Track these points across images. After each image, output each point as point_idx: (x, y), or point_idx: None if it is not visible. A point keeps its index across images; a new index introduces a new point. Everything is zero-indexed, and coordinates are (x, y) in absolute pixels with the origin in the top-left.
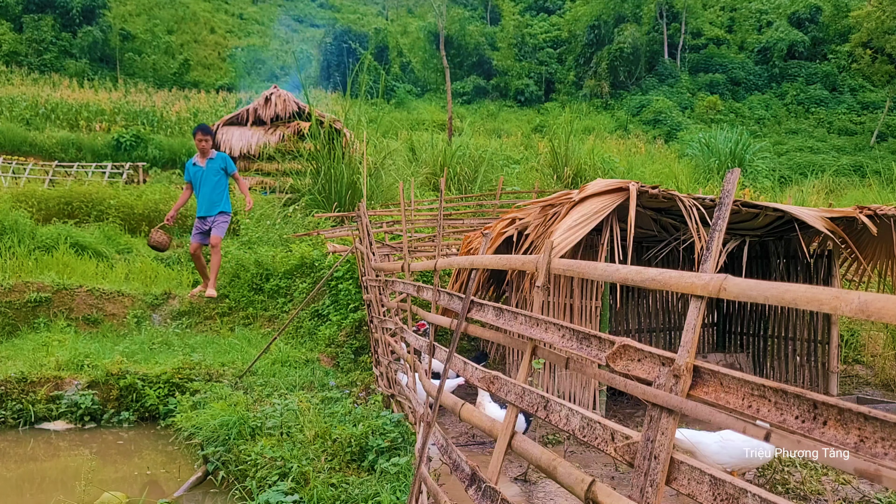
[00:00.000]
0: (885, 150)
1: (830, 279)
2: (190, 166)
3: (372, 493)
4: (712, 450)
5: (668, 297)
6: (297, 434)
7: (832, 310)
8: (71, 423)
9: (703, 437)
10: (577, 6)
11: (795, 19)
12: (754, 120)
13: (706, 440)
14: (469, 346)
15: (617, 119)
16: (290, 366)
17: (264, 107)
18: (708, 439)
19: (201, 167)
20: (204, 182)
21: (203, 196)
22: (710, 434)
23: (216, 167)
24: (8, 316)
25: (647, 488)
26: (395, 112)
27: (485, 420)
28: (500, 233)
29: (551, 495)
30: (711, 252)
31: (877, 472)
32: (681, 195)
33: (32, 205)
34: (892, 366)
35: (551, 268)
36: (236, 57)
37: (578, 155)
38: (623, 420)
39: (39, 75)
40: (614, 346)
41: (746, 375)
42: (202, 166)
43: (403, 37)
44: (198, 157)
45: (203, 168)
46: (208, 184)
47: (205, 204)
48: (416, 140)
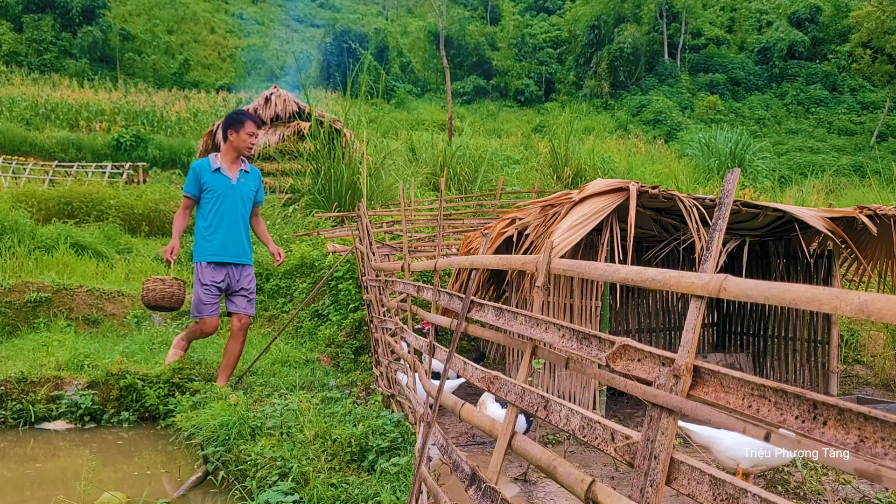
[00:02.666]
0: (885, 150)
1: (830, 279)
2: (209, 172)
3: (372, 493)
4: (727, 444)
5: (668, 297)
6: (297, 434)
7: (832, 310)
8: (71, 423)
9: (719, 433)
10: (577, 6)
11: (795, 19)
12: (754, 120)
13: (722, 435)
14: (469, 346)
15: (617, 119)
16: (290, 366)
17: (264, 107)
18: (724, 434)
19: (229, 179)
20: (230, 205)
21: (227, 227)
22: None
23: (251, 187)
24: (8, 316)
25: (647, 488)
26: (395, 112)
27: (485, 420)
28: (500, 233)
29: (551, 495)
30: (711, 252)
31: (877, 472)
32: (681, 195)
33: (32, 205)
34: (892, 366)
35: (551, 268)
36: (236, 57)
37: (578, 155)
38: (623, 420)
39: (39, 75)
40: (614, 346)
41: (746, 375)
42: (231, 178)
43: (403, 37)
44: (225, 162)
45: (232, 182)
46: (236, 210)
47: (230, 241)
48: (416, 140)
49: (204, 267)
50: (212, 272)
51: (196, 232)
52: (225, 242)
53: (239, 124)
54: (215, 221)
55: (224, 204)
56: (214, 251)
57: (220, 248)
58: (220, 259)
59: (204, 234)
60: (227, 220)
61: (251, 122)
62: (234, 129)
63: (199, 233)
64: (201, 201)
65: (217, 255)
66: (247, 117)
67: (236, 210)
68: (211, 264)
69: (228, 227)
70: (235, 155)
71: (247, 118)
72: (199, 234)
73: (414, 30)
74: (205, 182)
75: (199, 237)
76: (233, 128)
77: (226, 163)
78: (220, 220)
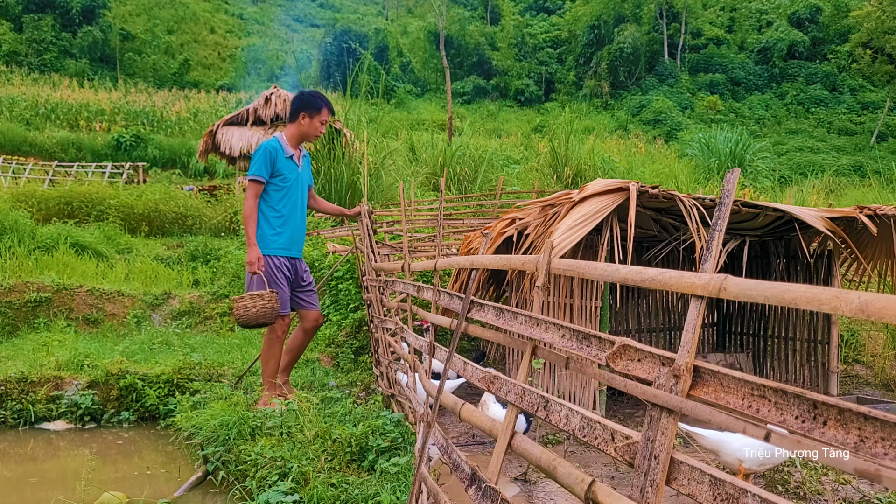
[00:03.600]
0: (885, 150)
1: (830, 279)
2: (282, 157)
3: (372, 493)
4: (734, 447)
5: (668, 297)
6: (297, 434)
7: (832, 310)
8: (71, 423)
9: (727, 436)
10: (577, 6)
11: (795, 19)
12: (754, 120)
13: (730, 438)
14: (469, 346)
15: (617, 119)
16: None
17: (264, 107)
18: (732, 437)
19: (297, 166)
20: (298, 195)
21: (296, 219)
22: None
23: (309, 173)
24: (8, 316)
25: (647, 488)
26: (395, 112)
27: (485, 420)
28: (500, 233)
29: (551, 495)
30: (711, 252)
31: (877, 472)
32: (681, 195)
33: (32, 205)
34: (892, 366)
35: (551, 268)
36: (236, 57)
37: (578, 155)
38: (623, 420)
39: (39, 75)
40: (614, 346)
41: (746, 375)
42: (298, 165)
43: (403, 37)
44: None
45: (299, 170)
46: (302, 201)
47: (297, 235)
48: (416, 140)
49: (273, 260)
50: (282, 265)
51: (261, 222)
52: (293, 236)
53: (315, 110)
54: (285, 212)
55: (293, 194)
56: (284, 244)
57: (289, 241)
58: (289, 254)
59: (273, 224)
60: (296, 211)
61: (327, 109)
62: (308, 114)
63: (267, 223)
64: (268, 187)
65: (287, 248)
66: (324, 104)
67: (302, 200)
68: (281, 258)
69: (298, 219)
70: (300, 140)
71: (324, 105)
72: (267, 225)
73: (414, 30)
74: (278, 168)
75: (267, 229)
76: (307, 111)
77: (292, 148)
78: (290, 212)
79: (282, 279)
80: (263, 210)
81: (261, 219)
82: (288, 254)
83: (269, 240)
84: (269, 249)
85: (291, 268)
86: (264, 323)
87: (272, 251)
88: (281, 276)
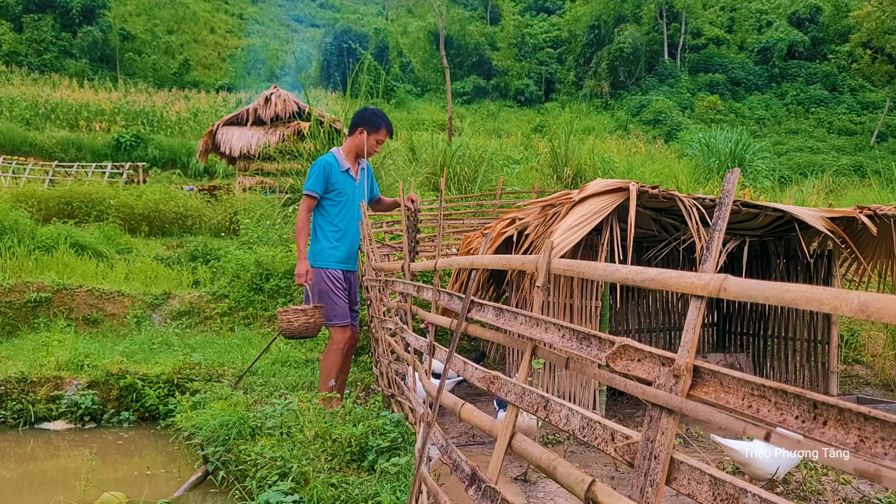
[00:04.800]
0: (885, 150)
1: (830, 279)
2: (338, 171)
3: (372, 493)
4: (765, 462)
5: (668, 297)
6: (297, 434)
7: (832, 310)
8: (71, 423)
9: (755, 446)
10: (577, 6)
11: (795, 19)
12: (754, 120)
13: (761, 452)
14: (469, 346)
15: (617, 119)
16: (290, 366)
17: (264, 107)
18: (760, 449)
19: (353, 180)
20: (355, 210)
21: (353, 234)
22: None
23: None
24: (8, 316)
25: (647, 488)
26: (395, 112)
27: (485, 420)
28: (500, 233)
29: (551, 495)
30: (711, 252)
31: (877, 472)
32: (681, 195)
33: (32, 205)
34: (892, 366)
35: (551, 268)
36: (236, 57)
37: (578, 155)
38: (623, 420)
39: (39, 75)
40: (614, 346)
41: (746, 375)
42: (355, 179)
43: (403, 37)
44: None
45: (356, 183)
46: (358, 214)
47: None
48: (416, 140)
49: (331, 273)
50: (340, 277)
51: (319, 236)
52: (351, 251)
53: (374, 128)
54: (342, 226)
55: (351, 209)
56: (342, 258)
57: (346, 255)
58: (346, 267)
59: (331, 238)
60: (353, 225)
61: (386, 130)
62: (367, 130)
63: (325, 237)
64: (324, 202)
65: (345, 262)
66: (384, 124)
67: (358, 214)
68: (339, 271)
69: (354, 233)
70: (356, 154)
71: (384, 125)
72: (325, 239)
73: (414, 30)
74: (334, 182)
75: (325, 243)
76: (366, 127)
77: (350, 162)
78: (347, 226)
79: (340, 292)
80: (321, 224)
81: (318, 233)
82: (345, 267)
83: (326, 253)
84: (327, 263)
85: (347, 281)
86: (306, 336)
87: (330, 265)
88: (339, 289)
